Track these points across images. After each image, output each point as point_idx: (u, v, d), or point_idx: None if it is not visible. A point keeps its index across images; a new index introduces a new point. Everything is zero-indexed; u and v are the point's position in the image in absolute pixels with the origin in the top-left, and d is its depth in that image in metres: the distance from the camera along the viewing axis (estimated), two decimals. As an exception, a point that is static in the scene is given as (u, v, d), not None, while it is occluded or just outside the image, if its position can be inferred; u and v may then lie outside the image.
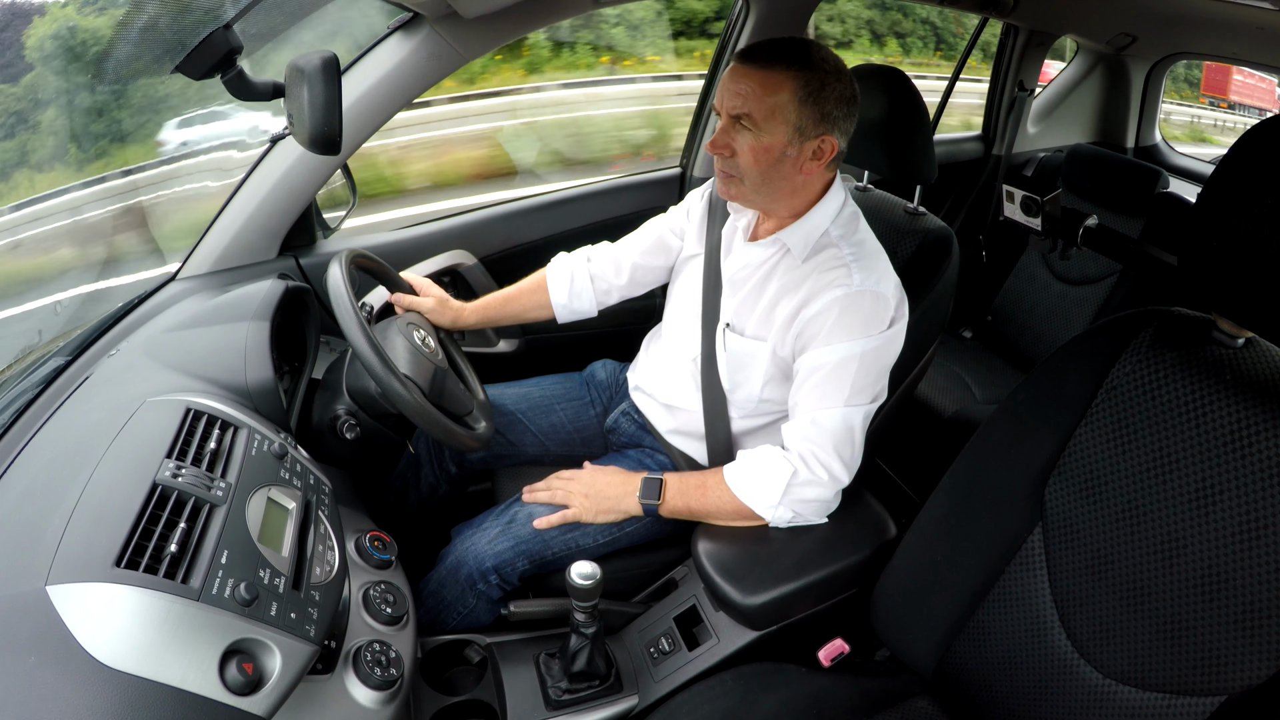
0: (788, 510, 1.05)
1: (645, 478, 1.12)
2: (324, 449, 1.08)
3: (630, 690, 1.08)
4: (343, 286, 0.98)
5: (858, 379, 1.02)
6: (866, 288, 1.02)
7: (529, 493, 1.18)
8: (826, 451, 1.02)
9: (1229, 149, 0.70)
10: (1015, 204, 1.56)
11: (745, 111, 0.98)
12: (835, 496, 1.07)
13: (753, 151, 1.00)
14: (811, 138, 1.00)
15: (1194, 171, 2.56)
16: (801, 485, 1.03)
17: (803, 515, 1.06)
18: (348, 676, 0.80)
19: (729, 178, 1.05)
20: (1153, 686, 0.76)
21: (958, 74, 2.31)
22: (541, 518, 1.14)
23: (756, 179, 1.03)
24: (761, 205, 1.10)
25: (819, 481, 1.03)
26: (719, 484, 1.08)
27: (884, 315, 1.02)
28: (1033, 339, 2.17)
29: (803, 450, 1.03)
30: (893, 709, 0.95)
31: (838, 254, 1.05)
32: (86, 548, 0.62)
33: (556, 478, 1.17)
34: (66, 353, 1.06)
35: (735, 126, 1.01)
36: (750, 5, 1.69)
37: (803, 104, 0.97)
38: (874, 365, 1.03)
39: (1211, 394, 0.75)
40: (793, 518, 1.06)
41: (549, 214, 1.72)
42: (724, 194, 1.09)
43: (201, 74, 1.02)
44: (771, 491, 1.04)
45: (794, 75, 0.97)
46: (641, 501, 1.11)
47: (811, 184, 1.07)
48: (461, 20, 1.22)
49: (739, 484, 1.06)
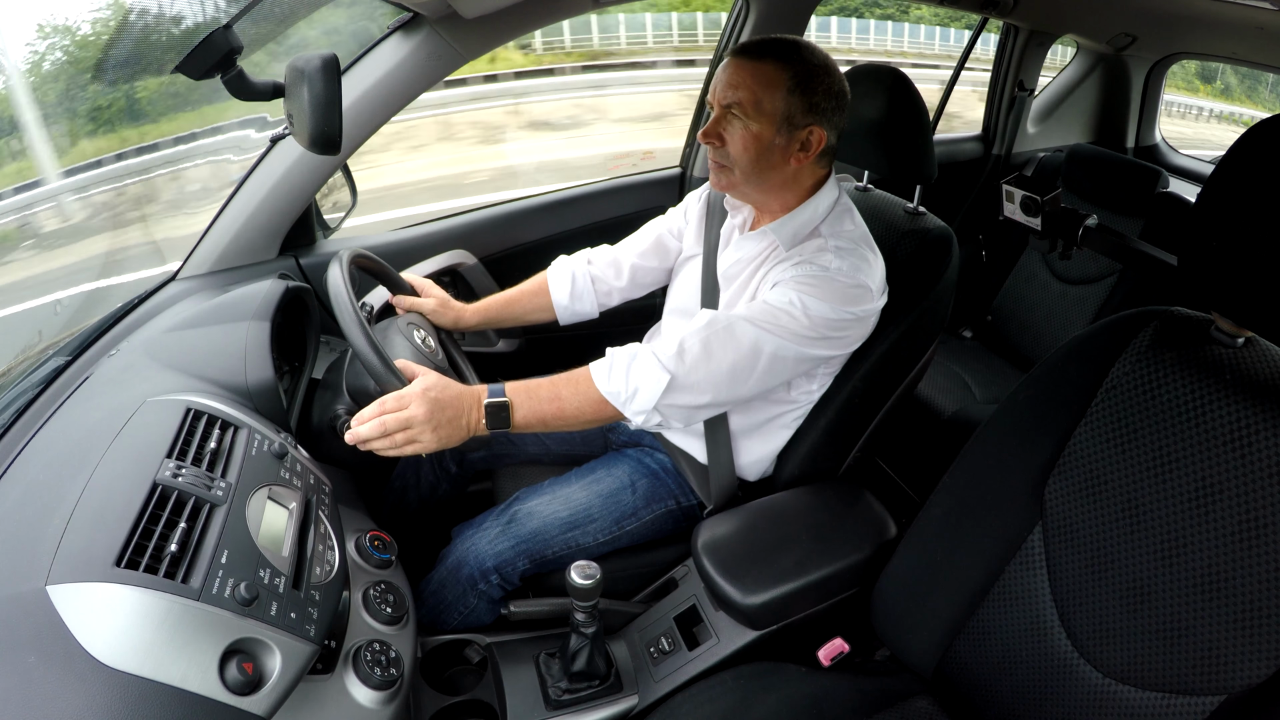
0: (657, 415, 1.01)
1: (488, 401, 0.99)
2: (324, 449, 1.08)
3: (630, 690, 1.08)
4: (343, 286, 0.98)
5: (791, 321, 0.99)
6: (843, 273, 1.01)
7: (357, 422, 0.95)
8: (710, 354, 0.99)
9: (1229, 149, 0.70)
10: (1015, 204, 1.56)
11: (736, 100, 1.02)
12: (709, 407, 1.04)
13: (742, 140, 1.03)
14: (800, 128, 1.03)
15: (1194, 171, 2.56)
16: (676, 390, 1.00)
17: (668, 421, 1.03)
18: (348, 676, 0.80)
19: (720, 168, 1.08)
20: (1153, 686, 0.76)
21: (957, 74, 2.31)
22: (364, 436, 0.94)
23: (746, 167, 1.05)
24: (754, 196, 1.12)
25: (693, 387, 1.00)
26: (575, 391, 1.03)
27: (853, 297, 1.01)
28: (1033, 339, 2.17)
29: (686, 342, 1.00)
30: (892, 709, 0.95)
31: (822, 244, 1.06)
32: (87, 547, 0.62)
33: (386, 410, 0.95)
34: (66, 353, 1.06)
35: (726, 116, 1.04)
36: (750, 5, 1.69)
37: (790, 94, 1.01)
38: (818, 323, 0.99)
39: (1211, 394, 0.75)
40: (659, 423, 1.03)
41: (549, 214, 1.72)
42: (716, 185, 1.11)
43: (201, 74, 1.02)
44: (647, 396, 1.00)
45: (783, 67, 1.01)
46: (491, 431, 1.00)
47: (802, 177, 1.08)
48: (461, 20, 1.22)
49: (608, 385, 1.01)
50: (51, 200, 2.27)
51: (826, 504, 1.15)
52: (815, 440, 1.17)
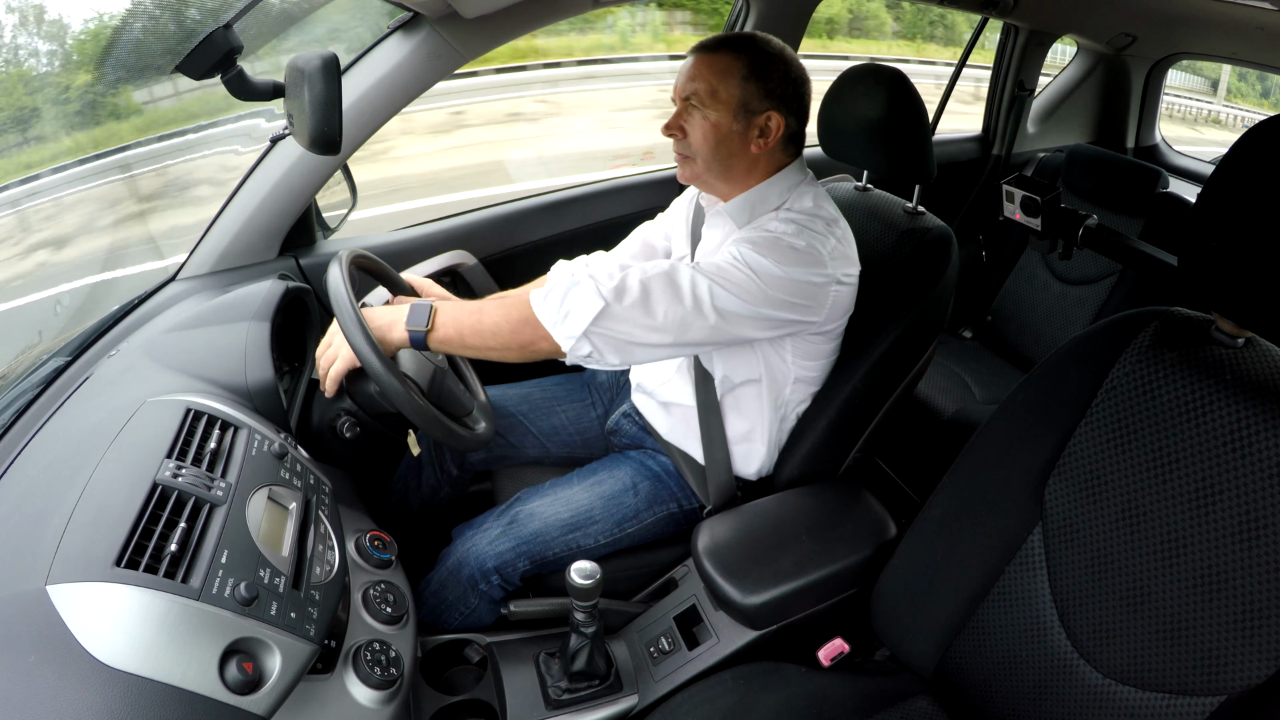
0: (587, 343, 0.98)
1: (414, 304, 1.02)
2: (324, 449, 1.08)
3: (630, 690, 1.08)
4: (343, 286, 0.98)
5: (736, 274, 0.98)
6: (788, 235, 1.01)
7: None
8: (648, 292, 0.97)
9: (1229, 149, 0.70)
10: (1015, 204, 1.56)
11: (693, 91, 1.05)
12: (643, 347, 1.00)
13: (701, 129, 1.06)
14: (757, 114, 1.05)
15: (1194, 171, 2.56)
16: (609, 319, 0.97)
17: (600, 353, 0.99)
18: (347, 676, 0.80)
19: (684, 159, 1.11)
20: (1153, 686, 0.76)
21: (957, 74, 2.31)
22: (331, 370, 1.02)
23: (707, 155, 1.08)
24: (719, 187, 1.13)
25: (627, 320, 0.97)
26: (500, 304, 1.02)
27: (798, 258, 0.99)
28: (1033, 339, 2.17)
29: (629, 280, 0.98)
30: (892, 709, 0.95)
31: (774, 215, 1.07)
32: (86, 547, 0.62)
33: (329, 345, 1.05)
34: (66, 353, 1.06)
35: (686, 108, 1.07)
36: (750, 4, 1.69)
37: (745, 81, 1.04)
38: (766, 279, 0.98)
39: (1211, 394, 0.75)
40: (590, 351, 0.99)
41: (549, 214, 1.72)
42: (681, 177, 1.13)
43: (201, 74, 1.02)
44: (578, 319, 0.97)
45: (738, 56, 1.04)
46: (409, 330, 1.01)
47: (766, 164, 1.10)
48: (461, 20, 1.22)
49: (542, 306, 0.99)
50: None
51: (826, 504, 1.15)
52: (815, 440, 1.17)
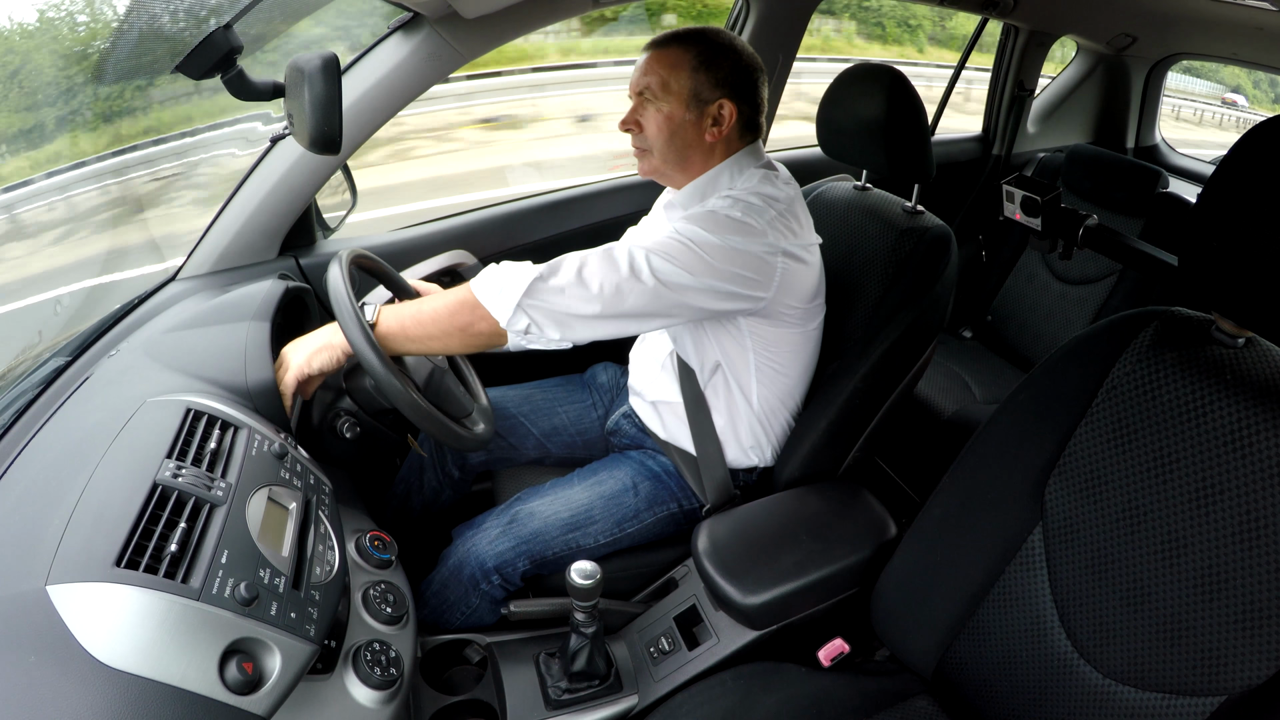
0: (524, 316, 0.96)
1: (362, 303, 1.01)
2: (324, 449, 1.08)
3: (630, 690, 1.08)
4: (343, 286, 0.98)
5: (675, 246, 0.97)
6: (724, 208, 1.01)
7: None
8: (585, 263, 0.97)
9: (1229, 149, 0.70)
10: (1015, 204, 1.56)
11: (646, 85, 1.08)
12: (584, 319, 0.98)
13: (655, 121, 1.09)
14: (709, 103, 1.08)
15: (1194, 171, 2.56)
16: (543, 290, 0.96)
17: (538, 327, 0.97)
18: (347, 676, 0.80)
19: (641, 152, 1.13)
20: (1153, 686, 0.76)
21: (957, 74, 2.31)
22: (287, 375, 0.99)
23: (663, 147, 1.10)
24: (678, 179, 1.15)
25: (562, 290, 0.96)
26: (440, 294, 1.02)
27: (736, 228, 0.99)
28: (1033, 339, 2.17)
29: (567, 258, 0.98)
30: (893, 709, 0.95)
31: (718, 195, 1.08)
32: (86, 547, 0.62)
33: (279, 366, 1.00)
34: (66, 353, 1.06)
35: (641, 103, 1.10)
36: (750, 5, 1.69)
37: (696, 71, 1.07)
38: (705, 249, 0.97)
39: (1212, 394, 0.75)
40: (528, 325, 0.97)
41: (549, 214, 1.72)
42: (640, 171, 1.16)
43: (201, 74, 1.02)
44: (511, 291, 0.96)
45: (687, 48, 1.07)
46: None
47: (721, 153, 1.12)
48: (461, 20, 1.22)
49: (479, 284, 0.98)
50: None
51: (826, 504, 1.15)
52: (815, 440, 1.17)
